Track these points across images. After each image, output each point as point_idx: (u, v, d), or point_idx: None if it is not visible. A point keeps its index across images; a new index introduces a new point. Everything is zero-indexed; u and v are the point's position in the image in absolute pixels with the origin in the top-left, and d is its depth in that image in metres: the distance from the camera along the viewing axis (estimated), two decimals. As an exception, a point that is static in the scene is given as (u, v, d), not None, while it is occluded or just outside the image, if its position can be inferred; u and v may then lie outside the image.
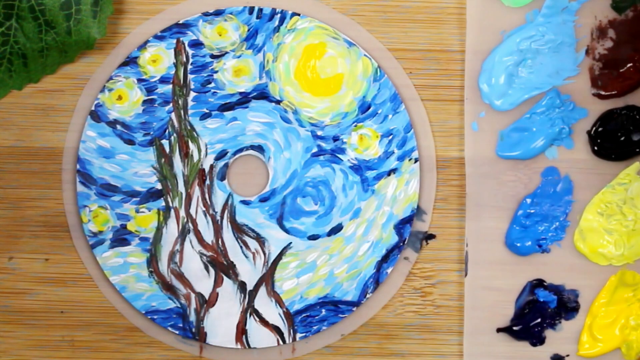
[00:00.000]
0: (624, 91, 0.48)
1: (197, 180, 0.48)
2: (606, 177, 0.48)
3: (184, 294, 0.48)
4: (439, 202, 0.49)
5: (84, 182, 0.48)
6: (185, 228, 0.48)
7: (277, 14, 0.48)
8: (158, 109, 0.48)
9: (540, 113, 0.48)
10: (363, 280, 0.48)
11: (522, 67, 0.48)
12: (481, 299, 0.48)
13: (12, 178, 0.49)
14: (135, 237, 0.48)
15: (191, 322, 0.48)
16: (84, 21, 0.47)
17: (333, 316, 0.48)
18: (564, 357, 0.48)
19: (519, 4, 0.48)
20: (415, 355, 0.49)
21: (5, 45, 0.47)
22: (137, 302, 0.48)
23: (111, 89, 0.48)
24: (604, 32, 0.48)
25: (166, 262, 0.48)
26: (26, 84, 0.48)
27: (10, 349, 0.49)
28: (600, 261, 0.48)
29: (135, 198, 0.48)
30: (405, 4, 0.49)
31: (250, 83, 0.48)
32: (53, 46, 0.47)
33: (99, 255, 0.48)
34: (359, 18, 0.49)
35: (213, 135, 0.48)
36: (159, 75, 0.48)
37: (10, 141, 0.49)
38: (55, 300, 0.49)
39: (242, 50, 0.48)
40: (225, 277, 0.48)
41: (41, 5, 0.47)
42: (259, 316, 0.48)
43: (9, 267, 0.49)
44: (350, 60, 0.48)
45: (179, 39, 0.48)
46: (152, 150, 0.48)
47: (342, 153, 0.48)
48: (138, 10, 0.49)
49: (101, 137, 0.48)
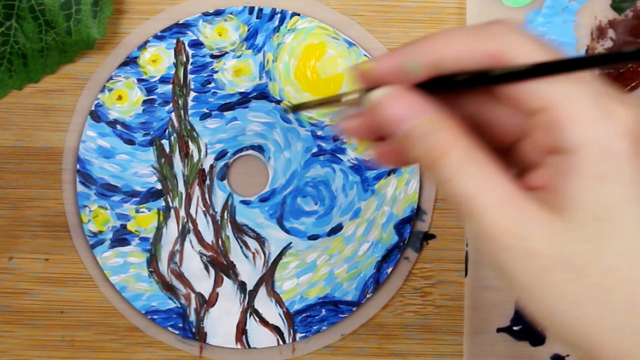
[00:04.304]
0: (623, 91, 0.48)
1: (197, 180, 0.48)
2: (606, 177, 0.48)
3: (184, 294, 0.48)
4: (439, 202, 0.49)
5: (84, 182, 0.48)
6: (185, 228, 0.48)
7: (277, 14, 0.48)
8: (158, 109, 0.48)
9: (540, 113, 0.48)
10: (363, 280, 0.48)
11: (522, 67, 0.48)
12: (481, 299, 0.48)
13: (12, 178, 0.49)
14: (135, 237, 0.48)
15: (191, 322, 0.48)
16: (84, 21, 0.47)
17: (333, 316, 0.48)
18: (564, 357, 0.48)
19: (519, 4, 0.48)
20: (415, 355, 0.49)
21: (5, 45, 0.47)
22: (137, 302, 0.48)
23: (111, 89, 0.48)
24: (604, 32, 0.48)
25: (166, 262, 0.48)
26: (26, 84, 0.48)
27: (10, 349, 0.49)
28: (600, 261, 0.48)
29: (135, 198, 0.48)
30: (405, 4, 0.49)
31: (250, 83, 0.48)
32: (53, 46, 0.47)
33: (99, 255, 0.48)
34: (359, 18, 0.49)
35: (213, 135, 0.48)
36: (159, 75, 0.48)
37: (10, 141, 0.49)
38: (55, 300, 0.49)
39: (242, 50, 0.48)
40: (225, 277, 0.48)
41: (41, 5, 0.47)
42: (259, 316, 0.48)
43: (9, 267, 0.49)
44: (350, 60, 0.48)
45: (179, 39, 0.48)
46: (152, 150, 0.48)
47: (342, 153, 0.48)
48: (138, 10, 0.49)
49: (101, 137, 0.48)
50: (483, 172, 0.29)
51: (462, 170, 0.29)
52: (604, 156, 0.27)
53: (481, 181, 0.29)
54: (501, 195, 0.29)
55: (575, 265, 0.28)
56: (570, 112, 0.28)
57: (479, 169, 0.29)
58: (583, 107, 0.28)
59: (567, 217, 0.28)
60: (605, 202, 0.27)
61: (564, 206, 0.28)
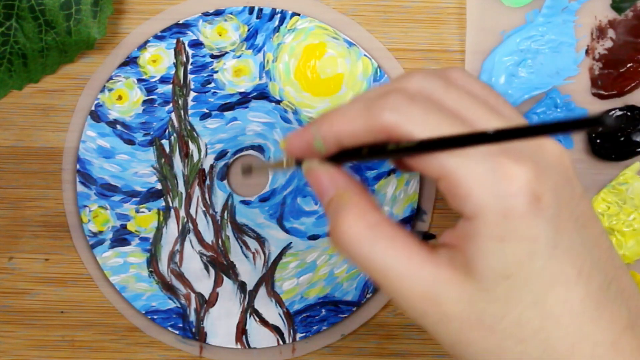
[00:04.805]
0: (624, 91, 0.48)
1: (197, 180, 0.48)
2: (606, 177, 0.48)
3: (184, 294, 0.48)
4: (439, 202, 0.49)
5: (84, 182, 0.48)
6: (185, 228, 0.48)
7: (277, 14, 0.48)
8: (158, 109, 0.48)
9: (540, 113, 0.48)
10: (363, 280, 0.48)
11: (522, 67, 0.48)
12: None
13: (12, 178, 0.49)
14: (135, 237, 0.48)
15: (191, 322, 0.48)
16: (84, 21, 0.47)
17: (333, 316, 0.48)
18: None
19: (519, 4, 0.48)
20: (415, 355, 0.49)
21: (5, 45, 0.47)
22: (137, 302, 0.48)
23: (111, 89, 0.48)
24: (604, 32, 0.48)
25: (166, 262, 0.48)
26: (26, 84, 0.48)
27: (10, 349, 0.49)
28: (600, 261, 0.48)
29: (135, 198, 0.48)
30: (405, 4, 0.49)
31: (250, 83, 0.48)
32: (53, 46, 0.47)
33: (99, 255, 0.48)
34: (359, 18, 0.49)
35: (213, 135, 0.48)
36: (159, 75, 0.48)
37: (10, 141, 0.49)
38: (55, 300, 0.49)
39: (242, 50, 0.48)
40: (225, 277, 0.48)
41: (41, 5, 0.47)
42: (259, 316, 0.48)
43: (9, 267, 0.49)
44: (350, 60, 0.48)
45: (179, 39, 0.48)
46: (152, 150, 0.48)
47: (342, 153, 0.48)
48: (138, 10, 0.49)
49: (101, 137, 0.48)
50: (393, 246, 0.31)
51: (371, 246, 0.31)
52: (501, 219, 0.29)
53: (391, 254, 0.31)
54: (412, 265, 0.31)
55: (489, 322, 0.30)
56: (466, 179, 0.29)
57: (387, 242, 0.31)
58: (477, 172, 0.29)
59: (477, 278, 0.30)
60: (508, 262, 0.29)
61: (473, 267, 0.30)
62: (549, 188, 0.29)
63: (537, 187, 0.29)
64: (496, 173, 0.29)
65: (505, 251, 0.29)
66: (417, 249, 0.31)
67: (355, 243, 0.31)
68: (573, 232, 0.30)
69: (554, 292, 0.30)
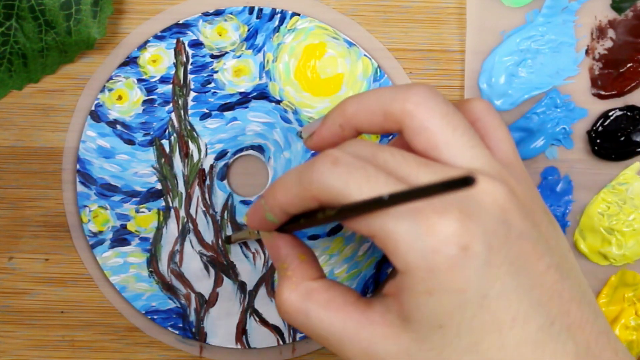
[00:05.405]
0: (623, 91, 0.48)
1: (197, 180, 0.48)
2: (606, 177, 0.48)
3: (184, 294, 0.48)
4: (439, 202, 0.49)
5: (84, 182, 0.48)
6: (185, 228, 0.48)
7: (277, 14, 0.48)
8: (158, 109, 0.48)
9: (540, 113, 0.48)
10: (363, 281, 0.48)
11: (522, 67, 0.48)
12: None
13: (12, 178, 0.49)
14: (135, 237, 0.48)
15: (191, 322, 0.48)
16: (84, 21, 0.47)
17: (333, 316, 0.48)
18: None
19: (519, 4, 0.48)
20: (415, 355, 0.49)
21: (5, 45, 0.47)
22: (137, 302, 0.48)
23: (111, 89, 0.48)
24: (604, 32, 0.48)
25: (166, 262, 0.48)
26: (26, 84, 0.48)
27: (10, 349, 0.49)
28: (600, 261, 0.48)
29: (135, 198, 0.48)
30: (405, 4, 0.49)
31: (250, 83, 0.48)
32: (53, 46, 0.47)
33: (99, 255, 0.48)
34: (359, 18, 0.49)
35: (213, 135, 0.48)
36: (159, 75, 0.48)
37: (10, 141, 0.49)
38: (55, 300, 0.49)
39: (242, 50, 0.48)
40: (225, 277, 0.48)
41: (41, 5, 0.47)
42: (259, 316, 0.48)
43: (9, 267, 0.49)
44: (350, 60, 0.48)
45: (179, 39, 0.48)
46: (152, 150, 0.48)
47: (342, 153, 0.48)
48: (138, 10, 0.49)
49: (101, 137, 0.48)
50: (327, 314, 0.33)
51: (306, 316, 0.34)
52: (428, 274, 0.30)
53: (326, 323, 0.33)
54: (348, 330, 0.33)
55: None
56: (392, 237, 0.30)
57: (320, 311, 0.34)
58: (402, 229, 0.30)
59: (412, 328, 0.31)
60: (438, 313, 0.30)
61: (408, 317, 0.31)
62: (477, 235, 0.30)
63: (464, 237, 0.29)
64: (420, 229, 0.30)
65: (434, 304, 0.30)
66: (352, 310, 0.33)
67: (292, 313, 0.34)
68: (506, 277, 0.30)
69: (488, 339, 0.30)
